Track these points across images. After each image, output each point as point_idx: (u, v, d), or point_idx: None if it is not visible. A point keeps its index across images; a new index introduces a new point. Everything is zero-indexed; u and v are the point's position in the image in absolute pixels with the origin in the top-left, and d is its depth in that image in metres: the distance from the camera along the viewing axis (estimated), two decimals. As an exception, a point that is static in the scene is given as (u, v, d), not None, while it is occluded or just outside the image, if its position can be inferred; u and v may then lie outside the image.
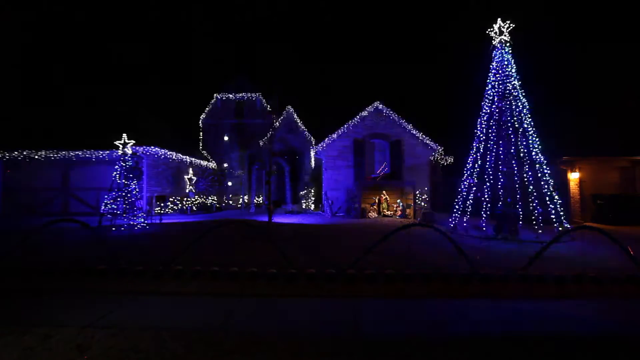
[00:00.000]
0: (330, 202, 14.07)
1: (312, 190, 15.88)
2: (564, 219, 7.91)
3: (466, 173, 8.90)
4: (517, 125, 8.19)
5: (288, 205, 16.05)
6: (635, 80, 15.38)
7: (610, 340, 2.80)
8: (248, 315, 3.30)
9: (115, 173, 9.56)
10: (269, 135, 18.68)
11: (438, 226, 5.43)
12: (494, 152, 8.40)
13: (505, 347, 2.65)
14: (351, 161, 14.45)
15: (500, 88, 8.41)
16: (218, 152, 21.57)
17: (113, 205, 9.32)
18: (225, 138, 21.74)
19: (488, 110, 8.63)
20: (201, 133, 22.20)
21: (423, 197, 13.77)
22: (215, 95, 22.17)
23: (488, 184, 8.28)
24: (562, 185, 11.48)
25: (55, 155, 12.95)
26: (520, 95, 8.28)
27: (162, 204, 12.89)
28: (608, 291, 3.98)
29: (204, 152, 21.58)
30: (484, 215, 8.18)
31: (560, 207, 7.92)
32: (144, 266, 4.57)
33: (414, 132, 14.29)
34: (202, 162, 18.63)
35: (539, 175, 8.02)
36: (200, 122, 22.25)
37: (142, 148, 12.92)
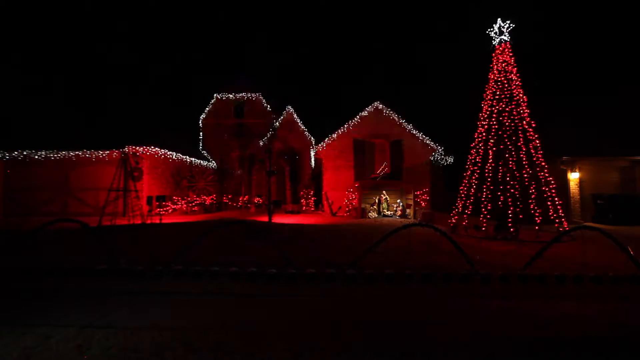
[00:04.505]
0: (330, 202, 14.06)
1: (312, 190, 15.87)
2: (564, 219, 7.91)
3: (466, 173, 8.89)
4: (517, 125, 8.19)
5: (288, 205, 16.05)
6: (636, 80, 15.38)
7: (610, 341, 2.80)
8: (248, 315, 3.30)
9: (115, 173, 9.56)
10: (269, 135, 18.70)
11: (438, 226, 5.43)
12: (494, 152, 8.39)
13: (505, 347, 2.65)
14: (351, 161, 14.45)
15: (501, 88, 8.41)
16: (218, 152, 21.54)
17: (113, 205, 9.31)
18: (225, 138, 21.72)
19: (488, 110, 8.63)
20: (201, 133, 22.19)
21: (423, 197, 13.76)
22: (215, 95, 22.15)
23: (488, 184, 8.27)
24: (562, 185, 11.46)
25: (55, 155, 12.95)
26: (520, 95, 8.27)
27: (162, 204, 12.89)
28: (608, 291, 3.98)
29: (204, 152, 21.57)
30: (484, 215, 8.17)
31: (560, 207, 7.91)
32: (144, 266, 4.57)
33: (414, 132, 14.29)
34: (202, 162, 18.62)
35: (539, 175, 8.02)
36: (200, 122, 22.23)
37: (142, 148, 12.92)
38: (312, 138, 20.61)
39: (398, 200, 13.21)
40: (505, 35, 8.45)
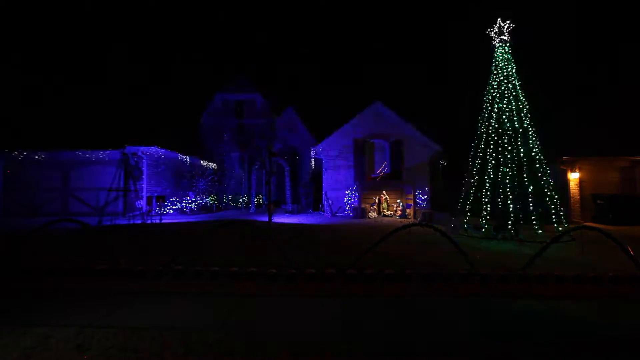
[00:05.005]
0: (330, 202, 14.06)
1: (312, 190, 15.87)
2: (564, 219, 7.91)
3: (466, 173, 8.89)
4: (517, 125, 8.20)
5: (288, 205, 16.04)
6: (636, 80, 15.38)
7: (610, 341, 2.80)
8: (248, 315, 3.30)
9: (115, 173, 9.55)
10: (269, 135, 18.74)
11: (438, 226, 5.43)
12: (494, 152, 8.41)
13: (505, 347, 2.65)
14: (351, 161, 14.44)
15: (500, 88, 8.41)
16: (218, 152, 21.54)
17: (113, 205, 9.31)
18: (225, 138, 21.74)
19: (488, 110, 8.64)
20: (201, 133, 22.19)
21: (423, 197, 13.76)
22: (215, 95, 22.16)
23: (488, 184, 8.27)
24: (562, 185, 11.46)
25: (55, 156, 12.95)
26: (520, 95, 8.28)
27: (162, 204, 12.90)
28: (608, 291, 3.98)
29: (204, 152, 21.57)
30: (484, 215, 8.17)
31: (560, 207, 7.91)
32: (144, 266, 4.56)
33: (414, 132, 14.27)
34: (202, 162, 18.62)
35: (539, 175, 8.02)
36: (200, 122, 22.24)
37: (142, 148, 12.92)
38: (312, 138, 20.62)
39: (398, 200, 13.21)
40: (505, 35, 8.45)
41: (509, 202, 7.97)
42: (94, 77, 30.04)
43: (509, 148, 8.13)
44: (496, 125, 8.44)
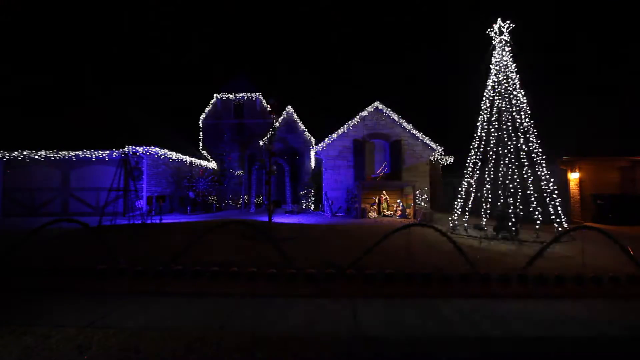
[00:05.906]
0: (330, 202, 14.06)
1: (312, 190, 15.87)
2: (564, 219, 7.91)
3: (466, 173, 8.89)
4: (517, 125, 8.19)
5: (288, 205, 16.04)
6: (636, 79, 15.38)
7: (610, 341, 2.80)
8: (248, 315, 3.30)
9: (115, 173, 9.56)
10: (268, 135, 18.72)
11: (438, 226, 5.43)
12: (494, 152, 8.40)
13: (505, 348, 2.65)
14: (351, 161, 14.45)
15: (500, 88, 8.41)
16: (218, 152, 21.56)
17: (113, 205, 9.31)
18: (225, 138, 21.75)
19: (488, 110, 8.63)
20: (201, 133, 22.21)
21: (423, 197, 13.76)
22: (215, 95, 22.18)
23: (488, 184, 8.27)
24: (562, 185, 11.46)
25: (55, 155, 12.94)
26: (520, 95, 8.27)
27: (162, 204, 12.89)
28: (608, 291, 3.98)
29: (204, 152, 21.58)
30: (484, 215, 8.17)
31: (560, 207, 7.91)
32: (144, 266, 4.56)
33: (414, 132, 14.28)
34: (202, 162, 18.62)
35: (539, 175, 8.02)
36: (200, 122, 22.25)
37: (142, 148, 12.92)
38: (312, 138, 20.63)
39: (398, 200, 13.21)
40: (505, 35, 8.44)
41: (509, 202, 7.96)
42: (94, 77, 30.04)
43: (509, 148, 8.13)
44: (496, 125, 8.44)
